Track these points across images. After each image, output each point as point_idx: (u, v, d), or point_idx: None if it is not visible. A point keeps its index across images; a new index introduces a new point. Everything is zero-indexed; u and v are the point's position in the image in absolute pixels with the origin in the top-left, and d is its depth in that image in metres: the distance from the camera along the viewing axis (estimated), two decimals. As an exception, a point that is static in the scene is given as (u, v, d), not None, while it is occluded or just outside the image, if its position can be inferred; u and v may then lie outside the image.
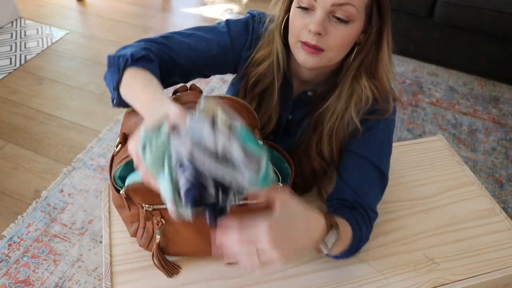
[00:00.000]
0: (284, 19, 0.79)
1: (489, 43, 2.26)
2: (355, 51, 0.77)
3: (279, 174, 0.75)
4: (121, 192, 0.71)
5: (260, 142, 0.79)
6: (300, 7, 0.72)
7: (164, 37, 0.83)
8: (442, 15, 2.23)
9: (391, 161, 1.09)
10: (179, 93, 0.81)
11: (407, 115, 2.16)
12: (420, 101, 2.25)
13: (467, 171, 1.09)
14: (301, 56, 0.75)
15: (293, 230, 0.55)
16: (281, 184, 0.75)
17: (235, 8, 2.95)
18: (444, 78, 2.43)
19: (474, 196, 1.02)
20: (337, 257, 0.81)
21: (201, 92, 0.83)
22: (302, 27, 0.72)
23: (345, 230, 0.75)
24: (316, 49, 0.72)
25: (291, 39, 0.76)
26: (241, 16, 0.90)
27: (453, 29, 2.28)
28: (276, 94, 0.85)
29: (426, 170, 1.09)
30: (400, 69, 2.45)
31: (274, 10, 0.82)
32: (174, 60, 0.81)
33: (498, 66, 2.34)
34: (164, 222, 0.73)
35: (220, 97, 0.81)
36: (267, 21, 0.85)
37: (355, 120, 0.80)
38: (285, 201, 0.57)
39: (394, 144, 1.14)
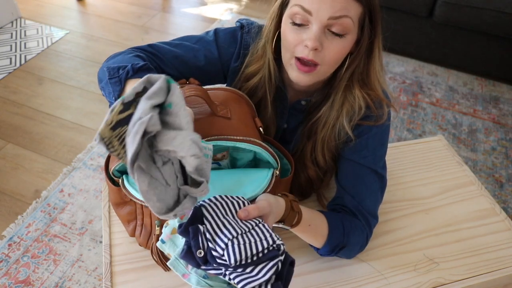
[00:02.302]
0: (276, 34, 0.78)
1: (489, 43, 2.26)
2: (347, 62, 0.76)
3: (278, 161, 0.76)
4: (121, 184, 0.71)
5: (261, 130, 0.79)
6: (293, 23, 0.71)
7: (151, 46, 0.83)
8: (442, 15, 2.23)
9: (391, 161, 1.10)
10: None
11: (407, 115, 2.16)
12: (420, 101, 2.25)
13: (467, 171, 1.09)
14: (294, 75, 0.74)
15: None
16: (278, 172, 0.75)
17: (235, 8, 2.94)
18: (444, 78, 2.43)
19: (474, 196, 1.02)
20: (318, 250, 0.82)
21: (200, 84, 0.83)
22: (297, 43, 0.71)
23: (316, 222, 0.76)
24: (310, 66, 0.71)
25: (286, 55, 0.75)
26: (241, 16, 0.90)
27: (453, 29, 2.28)
28: (269, 106, 0.85)
29: (426, 170, 1.09)
30: (400, 69, 2.45)
31: (266, 23, 0.81)
32: (162, 70, 0.81)
33: (498, 66, 2.34)
34: None
35: (220, 88, 0.81)
36: (256, 32, 0.84)
37: (347, 129, 0.80)
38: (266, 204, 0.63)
39: (394, 144, 1.15)
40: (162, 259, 0.80)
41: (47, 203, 1.63)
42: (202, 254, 0.54)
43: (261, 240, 0.54)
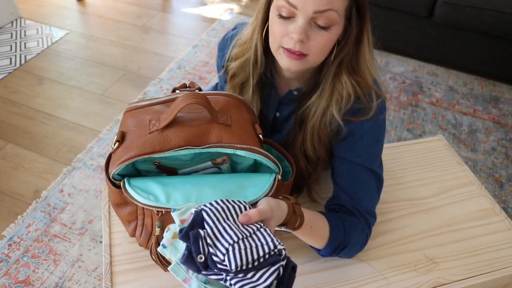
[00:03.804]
0: (265, 25, 0.79)
1: (489, 43, 2.26)
2: (335, 51, 0.77)
3: (280, 168, 0.75)
4: (121, 187, 0.71)
5: (261, 137, 0.79)
6: (280, 16, 0.72)
7: None
8: (442, 15, 2.23)
9: (391, 161, 1.09)
10: (177, 91, 0.82)
11: (407, 115, 2.16)
12: (420, 101, 2.25)
13: (467, 171, 1.09)
14: (284, 62, 0.75)
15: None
16: (280, 177, 0.75)
17: (235, 8, 2.95)
18: (444, 78, 2.43)
19: (474, 196, 1.02)
20: (319, 252, 0.82)
21: (199, 89, 0.83)
22: (283, 34, 0.72)
23: (318, 223, 0.76)
24: (299, 55, 0.73)
25: (273, 46, 0.77)
26: (241, 16, 0.92)
27: (453, 29, 2.28)
28: (251, 91, 0.87)
29: (426, 170, 1.09)
30: (400, 69, 2.45)
31: (255, 13, 0.83)
32: None
33: (498, 66, 2.34)
34: (164, 212, 0.73)
35: (221, 94, 0.81)
36: (240, 26, 0.89)
37: (337, 118, 0.79)
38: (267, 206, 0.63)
39: (394, 144, 1.15)
40: (161, 259, 0.79)
41: (47, 203, 1.63)
42: (203, 259, 0.54)
43: (262, 245, 0.54)
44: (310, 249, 0.84)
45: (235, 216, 0.58)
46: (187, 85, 0.83)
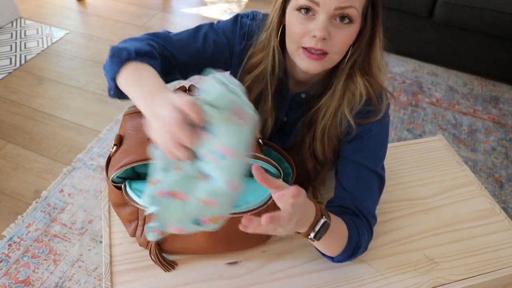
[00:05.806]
0: (281, 26, 0.78)
1: (489, 43, 2.26)
2: (350, 52, 0.77)
3: (281, 171, 0.75)
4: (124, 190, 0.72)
5: (260, 141, 0.79)
6: (300, 14, 0.72)
7: (166, 35, 0.83)
8: (442, 15, 2.23)
9: (391, 161, 1.10)
10: None
11: (407, 115, 2.16)
12: (420, 101, 2.25)
13: (467, 171, 1.09)
14: (304, 63, 0.74)
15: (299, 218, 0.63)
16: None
17: (235, 8, 2.95)
18: (444, 78, 2.43)
19: (474, 196, 1.02)
20: (333, 259, 0.80)
21: None
22: (304, 33, 0.72)
23: (339, 225, 0.75)
24: (320, 55, 0.72)
25: (292, 46, 0.76)
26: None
27: (453, 29, 2.28)
28: (270, 99, 0.85)
29: (426, 170, 1.09)
30: (400, 69, 2.45)
31: (269, 16, 0.81)
32: (175, 57, 0.81)
33: (498, 66, 2.34)
34: None
35: None
36: (254, 17, 0.85)
37: (349, 118, 0.80)
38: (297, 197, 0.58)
39: (394, 144, 1.15)
40: (160, 259, 0.80)
41: (47, 203, 1.63)
42: None
43: None
44: (310, 249, 0.84)
45: None
46: (187, 88, 0.83)
